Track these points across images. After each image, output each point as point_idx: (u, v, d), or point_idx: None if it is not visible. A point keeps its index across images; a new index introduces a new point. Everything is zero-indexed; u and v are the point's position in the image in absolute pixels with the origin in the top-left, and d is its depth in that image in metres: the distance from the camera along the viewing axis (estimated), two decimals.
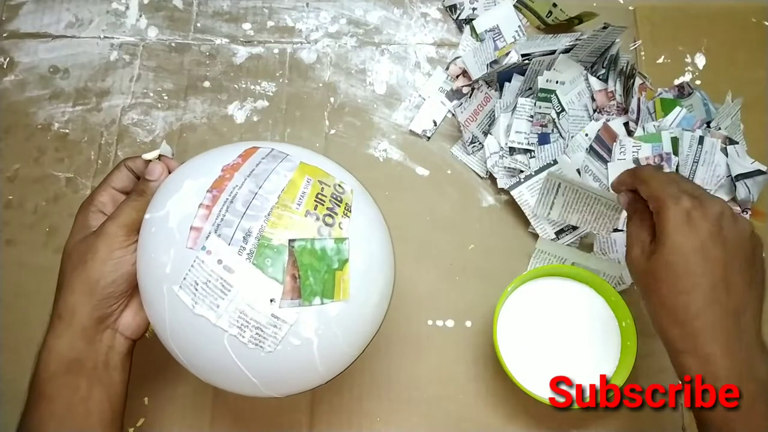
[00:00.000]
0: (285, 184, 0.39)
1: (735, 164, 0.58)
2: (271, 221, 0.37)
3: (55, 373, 0.40)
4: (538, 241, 0.60)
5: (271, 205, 0.38)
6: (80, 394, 0.40)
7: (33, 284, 0.61)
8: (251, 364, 0.38)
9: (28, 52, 0.69)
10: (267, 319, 0.37)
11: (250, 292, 0.37)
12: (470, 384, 0.57)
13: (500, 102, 0.64)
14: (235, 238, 0.37)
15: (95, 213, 0.44)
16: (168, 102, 0.67)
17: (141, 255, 0.41)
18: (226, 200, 0.38)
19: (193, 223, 0.38)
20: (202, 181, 0.40)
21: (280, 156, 0.41)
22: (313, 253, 0.38)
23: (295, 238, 0.37)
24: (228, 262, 0.37)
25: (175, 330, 0.39)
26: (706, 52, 0.68)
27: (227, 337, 0.37)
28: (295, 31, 0.70)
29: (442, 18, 0.70)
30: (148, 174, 0.44)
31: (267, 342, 0.37)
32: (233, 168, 0.40)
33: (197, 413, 0.57)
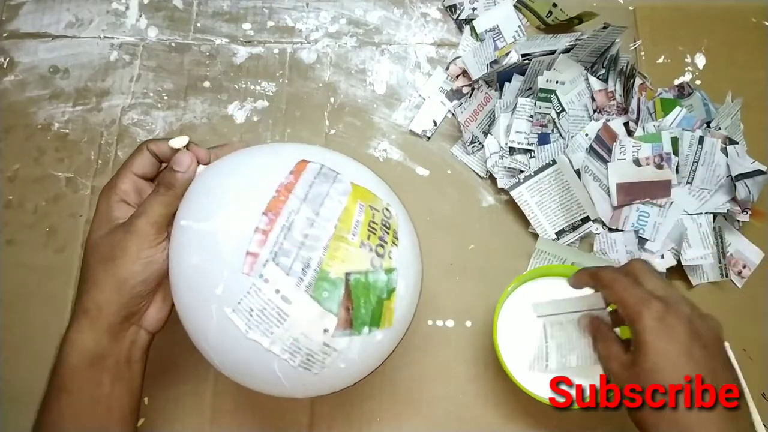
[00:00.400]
0: (340, 211, 0.39)
1: (735, 164, 0.58)
2: (329, 253, 0.37)
3: (77, 368, 0.39)
4: (538, 241, 0.60)
5: (329, 236, 0.38)
6: (103, 389, 0.40)
7: (33, 284, 0.61)
8: (295, 380, 0.39)
9: (28, 52, 0.69)
10: (319, 347, 0.38)
11: (305, 323, 0.37)
12: (470, 384, 0.57)
13: (500, 102, 0.64)
14: (294, 268, 0.37)
15: (118, 203, 0.42)
16: (168, 102, 0.67)
17: (180, 265, 0.39)
18: (283, 226, 0.37)
19: (249, 248, 0.37)
20: (250, 197, 0.38)
21: (331, 175, 0.40)
22: (365, 286, 0.39)
23: (350, 271, 0.38)
24: (286, 293, 0.37)
25: (220, 346, 0.39)
26: (706, 52, 0.68)
27: (278, 360, 0.38)
28: (295, 31, 0.70)
29: (442, 18, 0.70)
30: (177, 164, 0.42)
31: (315, 366, 0.39)
32: (287, 189, 0.38)
33: (197, 413, 0.57)
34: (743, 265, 0.60)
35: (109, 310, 0.40)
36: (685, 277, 0.60)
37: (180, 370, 0.58)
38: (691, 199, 0.59)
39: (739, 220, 0.60)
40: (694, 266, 0.59)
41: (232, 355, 0.39)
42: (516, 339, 0.53)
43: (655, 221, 0.59)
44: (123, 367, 0.41)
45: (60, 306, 0.60)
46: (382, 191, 0.43)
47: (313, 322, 0.37)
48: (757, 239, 0.61)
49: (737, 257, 0.60)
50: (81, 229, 0.63)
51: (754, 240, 0.61)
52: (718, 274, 0.59)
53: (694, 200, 0.59)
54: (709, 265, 0.59)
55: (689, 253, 0.57)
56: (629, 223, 0.59)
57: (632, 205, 0.59)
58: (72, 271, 0.61)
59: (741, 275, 0.60)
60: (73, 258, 0.62)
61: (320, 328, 0.37)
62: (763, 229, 0.62)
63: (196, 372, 0.57)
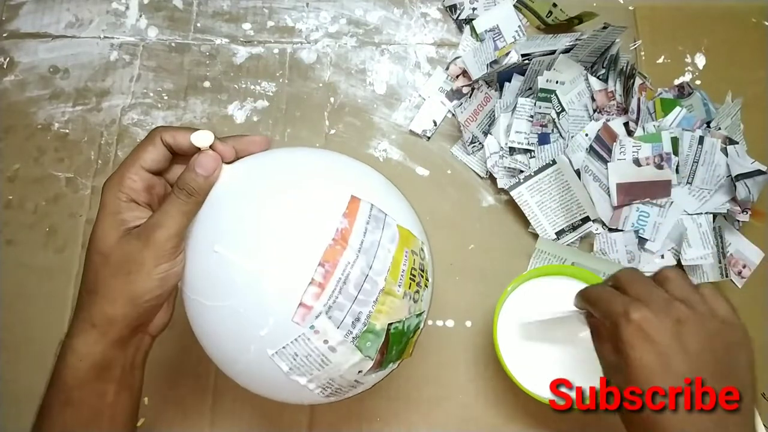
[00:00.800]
0: (390, 263, 0.38)
1: (735, 164, 0.58)
2: (377, 307, 0.37)
3: (84, 381, 0.38)
4: (538, 241, 0.60)
5: (379, 290, 0.37)
6: (108, 399, 0.39)
7: (33, 284, 0.61)
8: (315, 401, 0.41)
9: (28, 52, 0.69)
10: (349, 384, 0.40)
11: (345, 367, 0.38)
12: (470, 384, 0.57)
13: (500, 102, 0.64)
14: (345, 322, 0.36)
15: (127, 202, 0.38)
16: (168, 102, 0.67)
17: (216, 296, 0.37)
18: (339, 279, 0.36)
19: (303, 299, 0.35)
20: (304, 240, 0.36)
21: (381, 218, 0.39)
22: (401, 331, 0.39)
23: (392, 321, 0.38)
24: (333, 343, 0.37)
25: (250, 374, 0.39)
26: (706, 52, 0.68)
27: (308, 393, 0.39)
28: (295, 31, 0.70)
29: (442, 18, 0.70)
30: (201, 168, 0.37)
31: (342, 396, 0.40)
32: (343, 237, 0.36)
33: (197, 413, 0.57)
34: (743, 265, 0.60)
35: (121, 323, 0.38)
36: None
37: (180, 370, 0.58)
38: (691, 199, 0.59)
39: (739, 220, 0.60)
40: (694, 266, 0.59)
41: (261, 380, 0.40)
42: (516, 339, 0.53)
43: (655, 221, 0.59)
44: (127, 374, 0.40)
45: (60, 306, 0.60)
46: (416, 226, 0.42)
47: (352, 367, 0.38)
48: (757, 239, 0.61)
49: (737, 257, 0.60)
50: (81, 229, 0.63)
51: (754, 240, 0.61)
52: (718, 274, 0.59)
53: (694, 200, 0.59)
54: (709, 265, 0.59)
55: (689, 253, 0.57)
56: (629, 223, 0.59)
57: (632, 205, 0.59)
58: (72, 271, 0.61)
59: (741, 275, 0.60)
60: (73, 258, 0.62)
61: (356, 371, 0.39)
62: (763, 229, 0.61)
63: (196, 372, 0.57)
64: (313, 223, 0.37)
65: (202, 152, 0.38)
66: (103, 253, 0.37)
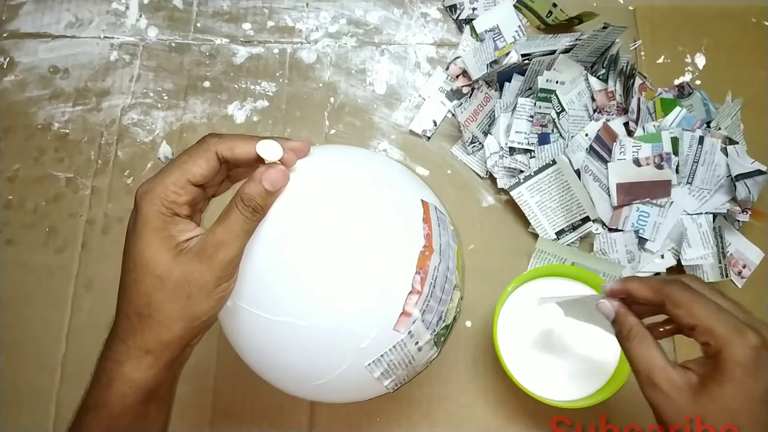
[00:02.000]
0: (456, 260, 0.40)
1: (735, 164, 0.58)
2: (450, 304, 0.39)
3: (131, 406, 0.36)
4: (538, 241, 0.60)
5: (453, 287, 0.39)
6: (149, 419, 0.37)
7: (33, 284, 0.61)
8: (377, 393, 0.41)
9: (28, 52, 0.69)
10: (415, 374, 0.41)
11: (423, 362, 0.40)
12: (470, 384, 0.57)
13: (500, 102, 0.64)
14: (432, 322, 0.38)
15: (171, 216, 0.34)
16: (168, 102, 0.67)
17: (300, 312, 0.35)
18: (430, 284, 0.37)
19: (406, 307, 0.36)
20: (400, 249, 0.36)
21: (444, 219, 0.41)
22: (453, 323, 0.41)
23: (455, 315, 0.41)
24: (422, 344, 0.38)
25: (330, 387, 0.38)
26: (706, 52, 0.68)
27: (381, 388, 0.39)
28: (295, 31, 0.70)
29: (442, 18, 0.70)
30: (270, 183, 0.34)
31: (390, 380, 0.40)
32: (429, 242, 0.37)
33: (197, 413, 0.57)
34: (743, 265, 0.60)
35: (176, 347, 0.35)
36: None
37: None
38: (691, 199, 0.59)
39: (739, 220, 0.60)
40: (694, 266, 0.59)
41: (340, 391, 0.40)
42: (516, 339, 0.53)
43: (655, 221, 0.59)
44: (168, 391, 0.38)
45: (60, 306, 0.60)
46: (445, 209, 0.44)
47: (426, 361, 0.40)
48: (757, 239, 0.61)
49: (737, 257, 0.60)
50: (81, 229, 0.63)
51: (754, 240, 0.60)
52: (718, 274, 0.59)
53: (694, 200, 0.59)
54: (709, 265, 0.59)
55: (689, 253, 0.57)
56: (629, 223, 0.59)
57: (632, 205, 0.59)
58: (72, 271, 0.61)
59: (741, 275, 0.60)
60: (73, 258, 0.62)
61: (427, 363, 0.41)
62: (763, 229, 0.61)
63: (197, 372, 0.57)
64: (404, 231, 0.37)
65: (271, 166, 0.34)
66: (157, 275, 0.34)
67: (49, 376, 0.58)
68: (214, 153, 0.35)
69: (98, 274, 0.61)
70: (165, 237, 0.34)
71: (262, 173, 0.34)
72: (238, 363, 0.58)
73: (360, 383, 0.38)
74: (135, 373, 0.35)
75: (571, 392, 0.52)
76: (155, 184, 0.35)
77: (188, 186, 0.35)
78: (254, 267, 0.36)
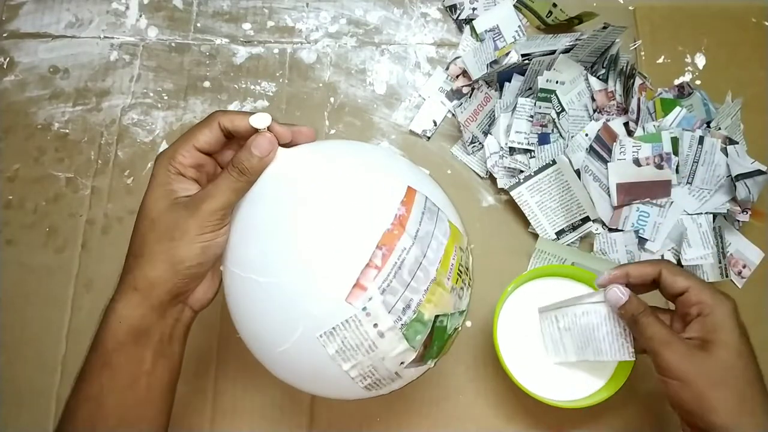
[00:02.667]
0: (441, 255, 0.39)
1: (735, 164, 0.58)
2: (427, 296, 0.38)
3: (123, 344, 0.39)
4: (538, 241, 0.60)
5: (431, 280, 0.38)
6: (145, 366, 0.39)
7: (33, 284, 0.61)
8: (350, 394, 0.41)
9: (28, 52, 0.69)
10: (389, 375, 0.39)
11: (390, 356, 0.38)
12: (470, 384, 0.57)
13: (500, 102, 0.64)
14: (396, 307, 0.37)
15: (176, 175, 0.40)
16: (168, 102, 0.67)
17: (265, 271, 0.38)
18: (395, 264, 0.37)
19: (360, 280, 0.36)
20: (363, 223, 0.37)
21: (435, 211, 0.40)
22: (444, 327, 0.40)
23: (438, 314, 0.39)
24: (382, 328, 0.37)
25: (290, 358, 0.39)
26: (706, 52, 0.68)
27: (348, 380, 0.38)
28: (295, 31, 0.70)
29: (442, 18, 0.70)
30: (256, 148, 0.39)
31: (380, 390, 0.40)
32: (401, 223, 0.37)
33: (197, 413, 0.57)
34: (743, 265, 0.60)
35: (162, 288, 0.38)
36: None
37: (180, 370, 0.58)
38: (691, 199, 0.59)
39: (739, 220, 0.60)
40: (694, 266, 0.59)
41: (299, 366, 0.39)
42: (516, 339, 0.53)
43: (655, 221, 0.59)
44: (165, 344, 0.40)
45: (60, 306, 0.60)
46: (461, 227, 0.43)
47: (396, 356, 0.38)
48: (757, 239, 0.61)
49: (737, 257, 0.60)
50: (81, 229, 0.63)
51: (754, 240, 0.61)
52: (718, 274, 0.59)
53: (694, 200, 0.59)
54: (709, 265, 0.59)
55: (689, 253, 0.57)
56: (629, 223, 0.59)
57: (632, 205, 0.59)
58: (72, 271, 0.61)
59: (741, 275, 0.60)
60: (73, 258, 0.62)
61: (399, 361, 0.39)
62: (763, 229, 0.61)
63: (197, 372, 0.57)
64: (373, 207, 0.38)
65: (260, 133, 0.39)
66: (151, 218, 0.39)
67: (49, 376, 0.58)
68: (217, 124, 0.40)
69: (98, 274, 0.61)
70: (167, 190, 0.39)
71: (252, 140, 0.39)
72: (238, 362, 0.58)
73: (320, 364, 0.37)
74: (124, 309, 0.38)
75: (571, 392, 0.52)
76: (167, 149, 0.40)
77: (193, 150, 0.40)
78: (235, 228, 0.40)
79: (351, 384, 0.39)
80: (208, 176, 0.42)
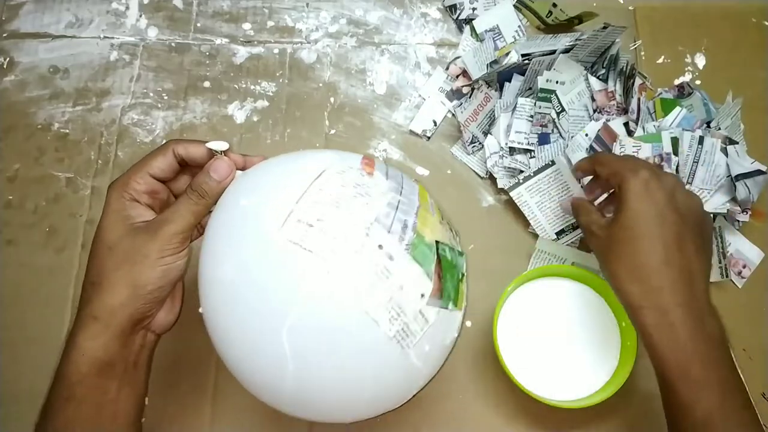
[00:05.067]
0: (417, 190, 0.41)
1: (735, 164, 0.58)
2: (420, 221, 0.38)
3: (86, 375, 0.38)
4: (538, 241, 0.60)
5: (416, 206, 0.39)
6: (110, 396, 0.39)
7: (33, 284, 0.61)
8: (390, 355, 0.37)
9: (28, 52, 0.69)
10: (414, 315, 0.37)
11: (406, 284, 0.37)
12: (470, 384, 0.57)
13: (500, 102, 0.64)
14: (394, 228, 0.37)
15: (130, 201, 0.40)
16: (168, 102, 0.67)
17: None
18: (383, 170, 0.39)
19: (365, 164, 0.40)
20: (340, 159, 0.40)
21: (399, 171, 0.43)
22: (450, 261, 0.39)
23: (438, 240, 0.39)
24: (389, 250, 0.36)
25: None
26: (706, 52, 0.68)
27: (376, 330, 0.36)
28: (295, 31, 0.70)
29: (442, 18, 0.70)
30: (215, 172, 0.40)
31: (408, 339, 0.37)
32: (368, 164, 0.40)
33: (197, 413, 0.57)
34: (743, 265, 0.60)
35: (122, 314, 0.38)
36: None
37: (181, 369, 0.58)
38: None
39: (739, 220, 0.60)
40: None
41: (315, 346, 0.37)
42: (516, 339, 0.53)
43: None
44: (130, 371, 0.40)
45: (60, 306, 0.60)
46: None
47: (414, 285, 0.37)
48: (757, 239, 0.61)
49: (737, 257, 0.60)
50: (81, 229, 0.63)
51: (754, 240, 0.61)
52: (718, 274, 0.59)
53: None
54: None
55: None
56: None
57: None
58: (72, 271, 0.61)
59: (741, 275, 0.60)
60: (73, 258, 0.62)
61: (418, 292, 0.37)
62: (763, 229, 0.62)
63: (197, 372, 0.57)
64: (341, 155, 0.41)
65: (217, 158, 0.40)
66: (108, 245, 0.39)
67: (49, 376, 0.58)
68: (171, 151, 0.41)
69: None
70: (122, 216, 0.39)
71: (210, 164, 0.40)
72: None
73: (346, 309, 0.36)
74: (85, 341, 0.38)
75: (571, 392, 0.52)
76: (120, 177, 0.41)
77: (147, 177, 0.41)
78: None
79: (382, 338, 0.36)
80: (161, 203, 0.43)
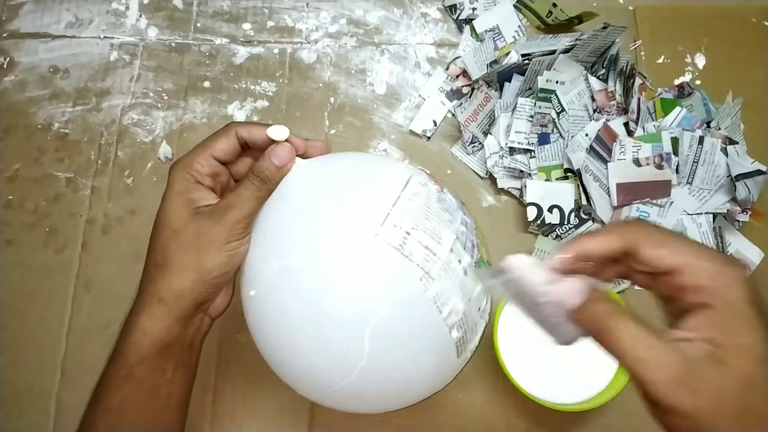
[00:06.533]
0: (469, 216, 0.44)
1: (735, 164, 0.58)
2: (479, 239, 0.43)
3: (146, 357, 0.38)
4: (537, 240, 0.60)
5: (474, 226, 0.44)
6: (166, 376, 0.39)
7: (33, 284, 0.61)
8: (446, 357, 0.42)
9: (28, 52, 0.69)
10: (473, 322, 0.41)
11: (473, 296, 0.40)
12: (470, 384, 0.57)
13: (500, 102, 0.64)
14: (467, 246, 0.41)
15: (194, 183, 0.40)
16: (168, 102, 0.67)
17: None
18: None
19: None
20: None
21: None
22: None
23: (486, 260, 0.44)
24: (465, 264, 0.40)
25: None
26: (706, 52, 0.68)
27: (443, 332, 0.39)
28: (295, 31, 0.70)
29: (442, 18, 0.70)
30: (276, 158, 0.39)
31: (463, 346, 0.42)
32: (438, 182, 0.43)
33: (197, 413, 0.57)
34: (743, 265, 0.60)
35: (187, 299, 0.39)
36: None
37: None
38: (691, 199, 0.59)
39: (739, 220, 0.60)
40: None
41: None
42: (516, 340, 0.53)
43: (655, 221, 0.59)
44: (186, 354, 0.41)
45: (60, 306, 0.60)
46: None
47: (477, 297, 0.40)
48: (757, 239, 0.61)
49: (737, 257, 0.60)
50: (81, 229, 0.63)
51: (754, 240, 0.60)
52: None
53: (694, 200, 0.59)
54: None
55: None
56: None
57: (632, 205, 0.59)
58: (72, 271, 0.61)
59: None
60: (73, 258, 0.62)
61: (477, 306, 0.41)
62: (763, 229, 0.61)
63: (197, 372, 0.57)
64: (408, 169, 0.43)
65: (279, 144, 0.40)
66: (174, 228, 0.39)
67: (49, 376, 0.58)
68: (234, 133, 0.41)
69: (98, 274, 0.61)
70: (186, 199, 0.39)
71: (271, 150, 0.40)
72: (238, 362, 0.58)
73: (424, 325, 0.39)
74: (149, 322, 0.38)
75: (572, 395, 0.52)
76: (184, 157, 0.40)
77: (210, 159, 0.40)
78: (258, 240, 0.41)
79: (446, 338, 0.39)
80: (222, 186, 0.42)
